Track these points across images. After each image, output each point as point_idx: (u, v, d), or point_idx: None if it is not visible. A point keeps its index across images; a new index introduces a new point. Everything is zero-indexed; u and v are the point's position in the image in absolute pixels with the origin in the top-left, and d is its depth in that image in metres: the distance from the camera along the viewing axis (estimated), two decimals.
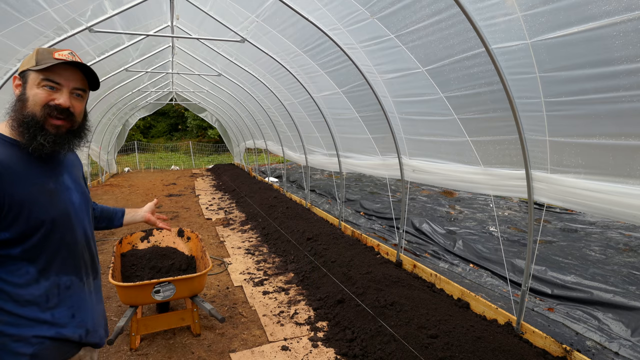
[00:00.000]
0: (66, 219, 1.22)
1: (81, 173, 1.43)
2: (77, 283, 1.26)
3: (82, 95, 1.23)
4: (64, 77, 1.17)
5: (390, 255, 4.85)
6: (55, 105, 1.15)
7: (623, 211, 2.32)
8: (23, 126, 1.14)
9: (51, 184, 1.20)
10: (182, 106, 22.14)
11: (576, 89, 2.33)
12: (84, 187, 1.39)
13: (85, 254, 1.32)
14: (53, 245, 1.18)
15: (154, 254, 3.66)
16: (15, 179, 1.10)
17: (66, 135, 1.20)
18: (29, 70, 1.17)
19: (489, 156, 3.32)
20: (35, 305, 1.14)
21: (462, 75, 3.09)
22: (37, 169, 1.18)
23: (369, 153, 5.41)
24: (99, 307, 1.37)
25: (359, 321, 3.29)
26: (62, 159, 1.31)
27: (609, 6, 1.93)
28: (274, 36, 4.98)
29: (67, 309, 1.21)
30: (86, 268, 1.31)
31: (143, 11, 5.23)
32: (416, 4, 2.91)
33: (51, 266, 1.18)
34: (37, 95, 1.15)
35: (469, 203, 8.41)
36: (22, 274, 1.13)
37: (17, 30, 4.12)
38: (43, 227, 1.14)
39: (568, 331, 3.39)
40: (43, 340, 1.14)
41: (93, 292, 1.34)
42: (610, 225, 6.52)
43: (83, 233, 1.31)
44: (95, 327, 1.31)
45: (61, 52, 1.17)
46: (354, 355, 2.91)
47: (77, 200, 1.30)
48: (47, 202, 1.16)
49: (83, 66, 1.19)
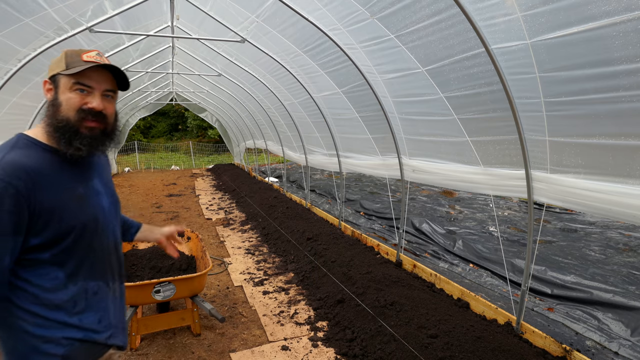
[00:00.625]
0: (95, 225, 1.22)
1: (110, 176, 1.42)
2: (104, 288, 1.26)
3: (113, 96, 1.22)
4: (94, 79, 1.16)
5: (390, 255, 4.85)
6: (89, 109, 1.16)
7: (623, 211, 2.32)
8: (59, 131, 1.14)
9: (81, 189, 1.20)
10: (182, 106, 22.15)
11: (576, 89, 2.33)
12: (114, 190, 1.38)
13: (113, 259, 1.31)
14: (81, 251, 1.18)
15: (154, 253, 3.67)
16: (46, 185, 1.10)
17: (100, 137, 1.20)
18: (60, 75, 1.17)
19: (489, 156, 3.33)
20: (63, 309, 1.15)
21: (462, 76, 3.10)
22: (67, 174, 1.18)
23: (369, 153, 5.41)
24: (123, 312, 1.37)
25: (359, 321, 3.29)
26: (92, 162, 1.30)
27: (609, 6, 1.93)
28: (274, 36, 4.99)
29: (94, 313, 1.22)
30: (113, 273, 1.31)
31: (143, 11, 5.24)
32: (416, 4, 2.92)
33: (79, 271, 1.18)
34: (70, 100, 1.15)
35: (468, 203, 8.41)
36: (51, 279, 1.13)
37: (17, 30, 4.12)
38: (72, 233, 1.14)
39: (568, 331, 3.40)
40: (73, 342, 1.16)
41: (118, 297, 1.33)
42: (610, 225, 6.52)
43: (112, 238, 1.30)
44: (118, 331, 1.31)
45: (89, 54, 1.17)
46: (354, 355, 2.91)
47: (106, 205, 1.29)
48: (76, 207, 1.16)
49: (112, 67, 1.18)
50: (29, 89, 5.62)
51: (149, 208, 8.50)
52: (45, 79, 1.22)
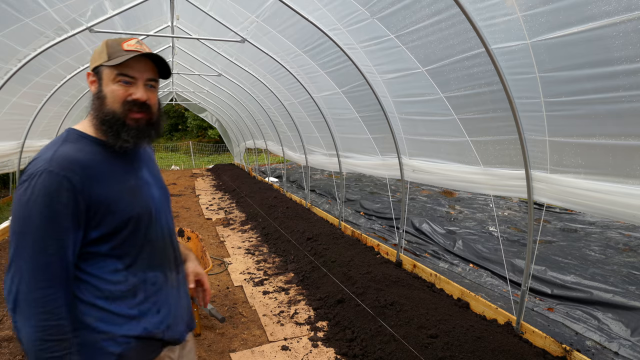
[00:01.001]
0: (149, 215, 1.22)
1: (157, 166, 1.41)
2: (162, 279, 1.25)
3: (155, 85, 1.21)
4: (137, 69, 1.15)
5: (390, 255, 4.85)
6: (134, 101, 1.15)
7: (623, 211, 2.33)
8: (106, 124, 1.14)
9: (132, 180, 1.20)
10: (182, 106, 22.14)
11: (576, 89, 2.33)
12: (162, 180, 1.37)
13: (169, 249, 1.30)
14: (138, 242, 1.18)
15: None
16: (99, 178, 1.11)
17: (146, 128, 1.20)
18: (102, 66, 1.15)
19: (489, 156, 3.33)
20: (123, 301, 1.15)
21: (462, 76, 3.10)
22: (118, 166, 1.18)
23: (369, 153, 5.41)
24: (181, 302, 1.33)
25: (359, 321, 3.29)
26: (139, 153, 1.30)
27: (609, 6, 1.93)
28: (274, 36, 4.99)
29: (153, 304, 1.21)
30: (169, 263, 1.30)
31: (143, 11, 5.24)
32: (416, 4, 2.92)
33: (137, 262, 1.19)
34: (115, 92, 1.14)
35: (468, 203, 8.41)
36: (111, 271, 1.14)
37: (17, 30, 4.12)
38: (129, 225, 1.15)
39: (568, 331, 3.40)
40: (129, 340, 1.15)
41: (176, 287, 1.31)
42: (610, 225, 6.52)
43: (166, 228, 1.29)
44: (176, 321, 1.28)
45: (129, 42, 1.15)
46: (354, 355, 2.91)
47: (157, 195, 1.28)
48: (130, 199, 1.16)
49: (153, 55, 1.17)
50: (29, 89, 5.63)
51: None
52: (89, 71, 1.21)
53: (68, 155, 1.08)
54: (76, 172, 1.06)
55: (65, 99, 7.33)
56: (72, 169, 1.06)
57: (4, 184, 10.01)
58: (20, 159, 6.53)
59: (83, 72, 6.50)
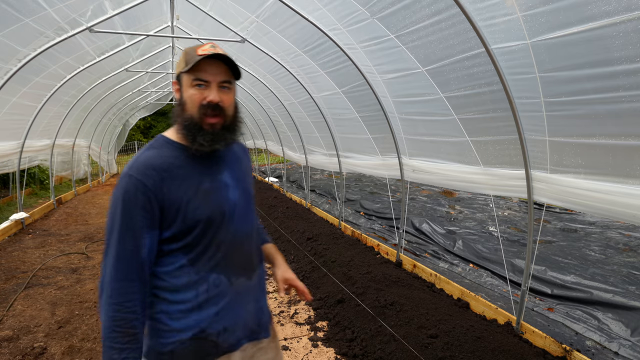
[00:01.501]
0: (221, 218, 1.23)
1: (247, 167, 1.41)
2: (225, 282, 1.25)
3: (229, 87, 1.22)
4: (210, 73, 1.18)
5: (390, 255, 4.85)
6: (208, 103, 1.18)
7: (623, 211, 2.33)
8: (186, 129, 1.20)
9: (207, 183, 1.23)
10: None
11: (576, 89, 2.33)
12: (247, 184, 1.36)
13: (239, 253, 1.29)
14: (204, 243, 1.21)
15: None
16: (173, 181, 1.17)
17: (221, 132, 1.22)
18: (182, 73, 1.20)
19: (489, 156, 3.33)
20: (184, 296, 1.20)
21: (462, 76, 3.10)
22: (196, 169, 1.22)
23: (369, 153, 5.42)
24: (247, 308, 1.31)
25: (359, 321, 3.29)
26: (223, 155, 1.31)
27: (608, 6, 1.93)
28: (274, 36, 4.99)
29: (213, 305, 1.23)
30: (236, 268, 1.28)
31: (143, 11, 5.24)
32: (416, 4, 2.92)
33: (202, 263, 1.21)
34: (192, 97, 1.19)
35: (468, 203, 8.41)
36: (177, 268, 1.20)
37: (17, 30, 4.12)
38: (198, 226, 1.18)
39: (568, 331, 3.40)
40: (184, 335, 1.19)
41: (242, 292, 1.29)
42: (610, 225, 6.52)
43: (238, 232, 1.28)
44: (235, 327, 1.27)
45: (204, 47, 1.19)
46: (354, 355, 2.91)
47: (235, 198, 1.28)
48: (202, 201, 1.19)
49: (224, 58, 1.18)
50: (29, 89, 5.63)
51: None
52: (174, 80, 1.27)
53: (147, 160, 1.17)
54: (151, 177, 1.14)
55: (65, 99, 7.33)
56: (148, 174, 1.14)
57: (4, 184, 10.01)
58: (20, 159, 6.52)
59: (83, 72, 6.50)
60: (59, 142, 8.64)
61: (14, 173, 7.48)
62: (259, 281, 1.37)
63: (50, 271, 4.57)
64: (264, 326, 1.38)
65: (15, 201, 8.59)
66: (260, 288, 1.38)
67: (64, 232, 6.36)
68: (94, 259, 5.03)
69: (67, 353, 2.93)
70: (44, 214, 7.69)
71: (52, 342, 3.07)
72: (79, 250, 5.38)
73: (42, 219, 7.29)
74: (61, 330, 3.25)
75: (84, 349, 2.99)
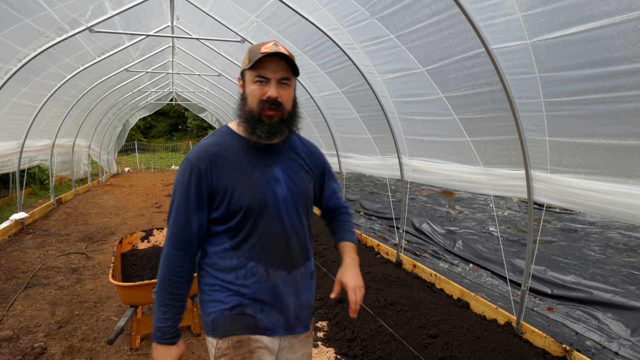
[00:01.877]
0: (261, 209, 1.28)
1: (307, 165, 1.42)
2: (262, 272, 1.30)
3: (288, 83, 1.28)
4: (270, 69, 1.24)
5: (390, 255, 4.85)
6: (267, 98, 1.25)
7: (623, 211, 2.33)
8: (246, 122, 1.29)
9: (256, 174, 1.30)
10: (182, 106, 22.14)
11: (576, 89, 2.33)
12: (301, 180, 1.37)
13: (278, 246, 1.31)
14: (246, 231, 1.28)
15: (154, 253, 3.66)
16: (224, 168, 1.27)
17: (279, 124, 1.28)
18: (245, 70, 1.28)
19: (489, 156, 3.33)
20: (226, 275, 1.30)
21: (462, 76, 3.09)
22: (248, 160, 1.31)
23: (369, 153, 5.41)
24: (284, 300, 1.32)
25: (358, 321, 3.29)
26: (279, 150, 1.36)
27: (609, 6, 1.93)
28: (274, 36, 4.99)
29: (250, 290, 1.30)
30: (275, 260, 1.31)
31: (143, 11, 5.24)
32: (416, 4, 2.92)
33: (241, 249, 1.29)
34: (253, 92, 1.27)
35: (468, 203, 8.41)
36: (222, 250, 1.31)
37: (17, 30, 4.12)
38: (240, 213, 1.27)
39: (568, 331, 3.40)
40: (225, 306, 1.29)
41: (281, 285, 1.32)
42: (610, 225, 6.52)
43: (281, 226, 1.31)
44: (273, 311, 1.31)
45: (266, 46, 1.24)
46: (354, 355, 2.91)
47: (282, 192, 1.32)
48: (246, 190, 1.27)
49: (282, 55, 1.24)
50: (29, 89, 5.62)
51: (149, 208, 8.50)
52: (239, 76, 1.36)
53: (204, 147, 1.30)
54: (204, 161, 1.26)
55: (65, 99, 7.33)
56: (202, 159, 1.26)
57: (4, 184, 10.01)
58: (20, 159, 6.52)
59: (83, 72, 6.50)
60: (59, 142, 8.64)
61: (14, 173, 7.48)
62: (302, 277, 1.38)
63: (50, 271, 4.57)
64: (303, 322, 1.40)
65: (15, 201, 8.59)
66: (304, 285, 1.39)
67: (64, 232, 6.36)
68: (94, 259, 5.03)
69: (67, 353, 2.92)
70: (44, 214, 7.69)
71: (52, 342, 3.07)
72: (79, 250, 5.38)
73: (42, 219, 7.29)
74: (61, 330, 3.25)
75: (84, 349, 2.99)
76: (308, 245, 1.41)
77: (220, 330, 1.29)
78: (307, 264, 1.40)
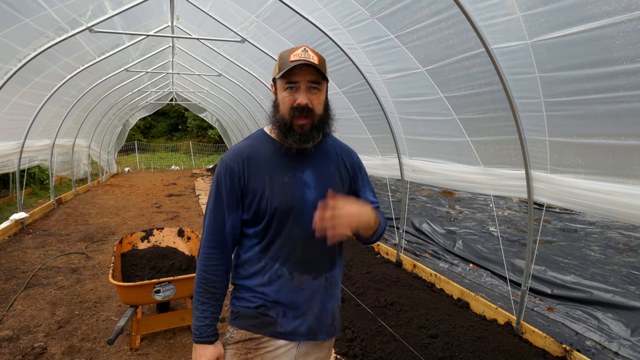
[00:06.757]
0: (288, 212, 1.29)
1: (341, 169, 1.42)
2: (286, 276, 1.31)
3: (319, 87, 1.28)
4: (299, 75, 1.25)
5: (390, 255, 4.85)
6: (297, 106, 1.26)
7: (623, 211, 2.33)
8: (278, 128, 1.30)
9: (285, 178, 1.31)
10: (182, 106, 22.14)
11: (576, 89, 2.33)
12: (332, 185, 1.36)
13: (306, 252, 1.32)
14: (272, 234, 1.31)
15: (154, 253, 3.66)
16: (256, 170, 1.30)
17: (310, 132, 1.29)
18: (276, 78, 1.30)
19: (489, 156, 3.33)
20: (253, 276, 1.34)
21: (462, 76, 3.10)
22: (279, 164, 1.32)
23: (369, 153, 5.41)
24: (308, 305, 1.33)
25: (358, 321, 3.29)
26: (311, 154, 1.36)
27: (609, 6, 1.93)
28: (274, 36, 4.99)
29: (274, 292, 1.32)
30: (300, 265, 1.32)
31: (143, 11, 5.24)
32: (416, 4, 2.92)
33: (268, 252, 1.32)
34: (284, 100, 1.28)
35: (468, 203, 8.41)
36: (252, 255, 1.34)
37: (17, 30, 4.12)
38: (267, 215, 1.29)
39: (568, 331, 3.40)
40: (249, 303, 1.33)
41: (305, 290, 1.33)
42: (610, 225, 6.52)
43: (308, 230, 1.28)
44: (294, 316, 1.32)
45: (296, 52, 1.25)
46: (354, 355, 2.91)
47: (311, 197, 1.32)
48: (275, 193, 1.28)
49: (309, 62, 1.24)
50: (29, 89, 5.62)
51: (149, 208, 8.50)
52: (271, 83, 1.38)
53: (239, 149, 1.33)
54: (238, 163, 1.30)
55: (65, 99, 7.33)
56: (236, 161, 1.30)
57: (4, 184, 10.01)
58: (20, 159, 6.52)
59: (83, 72, 6.50)
60: (59, 142, 8.63)
61: (14, 173, 7.48)
62: (327, 285, 1.38)
63: (50, 271, 4.57)
64: (326, 329, 1.40)
65: (15, 201, 8.59)
66: (329, 293, 1.39)
67: (64, 232, 6.36)
68: (94, 259, 5.03)
69: (67, 353, 2.92)
70: (44, 214, 7.69)
71: (52, 342, 3.07)
72: (79, 250, 5.38)
73: (42, 219, 7.29)
74: (61, 330, 3.25)
75: (84, 349, 2.99)
76: (335, 252, 1.39)
77: (240, 322, 1.34)
78: (333, 272, 1.39)
